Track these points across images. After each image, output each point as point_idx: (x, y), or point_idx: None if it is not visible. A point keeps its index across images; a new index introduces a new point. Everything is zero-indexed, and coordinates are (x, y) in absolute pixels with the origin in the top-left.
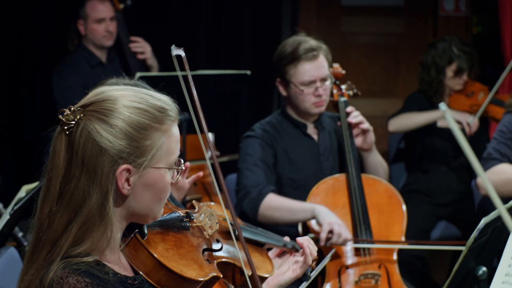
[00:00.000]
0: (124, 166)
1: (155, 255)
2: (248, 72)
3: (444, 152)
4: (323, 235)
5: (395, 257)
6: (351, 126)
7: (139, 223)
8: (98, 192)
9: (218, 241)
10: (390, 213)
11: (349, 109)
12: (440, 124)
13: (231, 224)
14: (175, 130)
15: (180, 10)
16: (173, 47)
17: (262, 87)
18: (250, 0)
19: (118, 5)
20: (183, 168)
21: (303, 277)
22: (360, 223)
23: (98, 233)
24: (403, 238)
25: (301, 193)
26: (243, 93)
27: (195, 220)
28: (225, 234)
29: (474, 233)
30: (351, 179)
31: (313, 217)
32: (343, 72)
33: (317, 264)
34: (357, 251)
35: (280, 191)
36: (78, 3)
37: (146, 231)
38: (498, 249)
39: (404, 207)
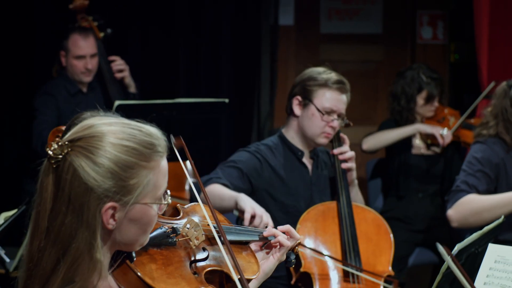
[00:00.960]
0: (110, 204)
1: (144, 278)
2: (226, 100)
3: (419, 178)
4: (247, 215)
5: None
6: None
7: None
8: (85, 230)
9: (204, 249)
10: (378, 242)
11: (340, 150)
12: (415, 151)
13: (215, 228)
14: (163, 164)
15: (160, 39)
16: (171, 136)
17: (242, 115)
18: (229, 28)
19: (99, 33)
20: (169, 201)
21: (287, 263)
22: (350, 250)
23: (88, 271)
24: (390, 268)
25: (291, 219)
26: (222, 121)
27: (181, 233)
28: (210, 240)
29: (447, 261)
30: (341, 207)
31: (236, 203)
32: None
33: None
34: (346, 277)
35: (272, 217)
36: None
37: (134, 254)
38: (473, 275)
39: (392, 236)
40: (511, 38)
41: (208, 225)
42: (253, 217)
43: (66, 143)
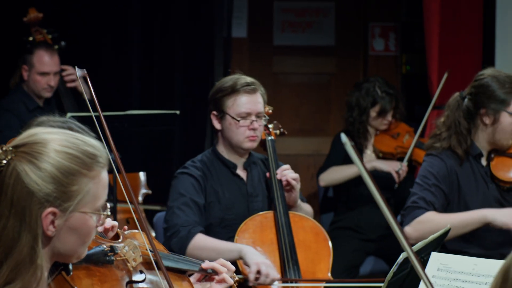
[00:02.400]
0: (50, 209)
1: None
2: (177, 112)
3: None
4: (251, 276)
5: None
6: (278, 164)
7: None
8: (28, 234)
9: (141, 272)
10: (317, 250)
11: (285, 166)
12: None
13: (151, 252)
14: (104, 176)
15: (113, 51)
16: (76, 68)
17: (195, 127)
18: (182, 40)
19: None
20: (109, 213)
21: None
22: (288, 260)
23: (28, 275)
24: (329, 275)
25: (230, 232)
26: (175, 133)
27: (119, 253)
28: (148, 264)
29: (394, 268)
30: (278, 216)
31: (240, 258)
32: (270, 111)
33: None
34: None
35: (209, 230)
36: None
37: (71, 267)
38: (418, 283)
39: (330, 244)
40: (461, 49)
41: (146, 250)
42: (258, 272)
43: (10, 148)
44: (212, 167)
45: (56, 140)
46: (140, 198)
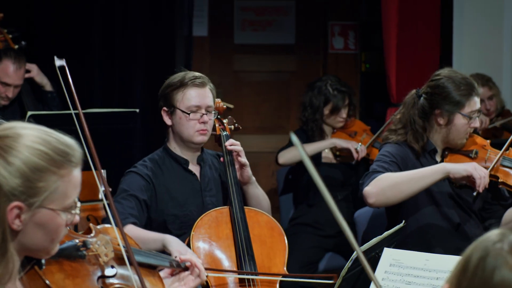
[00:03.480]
0: (16, 203)
1: (52, 286)
2: (137, 110)
3: (329, 185)
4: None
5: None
6: (233, 159)
7: None
8: None
9: (112, 267)
10: (272, 245)
11: (230, 141)
12: (325, 160)
13: (124, 248)
14: (75, 174)
15: (75, 50)
16: (55, 57)
17: (156, 125)
18: (143, 39)
19: (13, 45)
20: (78, 212)
21: None
22: (244, 254)
23: (0, 267)
24: (285, 269)
25: (185, 228)
26: (136, 130)
27: (91, 248)
28: (120, 260)
29: (348, 264)
30: (234, 211)
31: (163, 247)
32: (225, 106)
33: None
34: (241, 283)
35: (165, 228)
36: None
37: (43, 261)
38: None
39: (285, 238)
40: (419, 47)
41: (118, 245)
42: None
43: None
44: (164, 165)
45: (29, 135)
46: (100, 195)
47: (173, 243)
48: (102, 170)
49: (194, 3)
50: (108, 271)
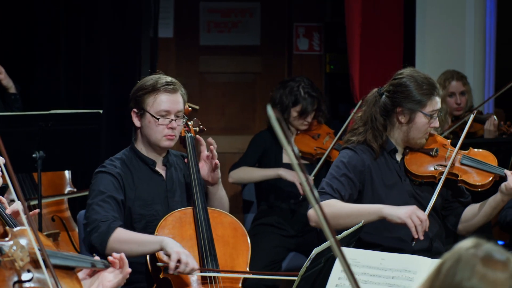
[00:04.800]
0: None
1: None
2: (101, 111)
3: (291, 185)
4: (172, 264)
5: (240, 286)
6: (197, 160)
7: None
8: None
9: (29, 271)
10: (235, 245)
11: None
12: (286, 160)
13: (39, 250)
14: None
15: (40, 52)
16: None
17: (122, 125)
18: (109, 42)
19: None
20: None
21: None
22: (207, 255)
23: None
24: (247, 269)
25: (150, 228)
26: (101, 131)
27: (7, 253)
28: (36, 263)
29: (306, 263)
30: (197, 212)
31: (161, 249)
32: (190, 108)
33: None
34: (204, 280)
35: (130, 226)
36: None
37: None
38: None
39: (248, 239)
40: (381, 48)
41: (34, 248)
42: (178, 261)
43: None
44: (131, 165)
45: None
46: (65, 198)
47: (171, 244)
48: (67, 171)
49: (159, 4)
50: (24, 276)
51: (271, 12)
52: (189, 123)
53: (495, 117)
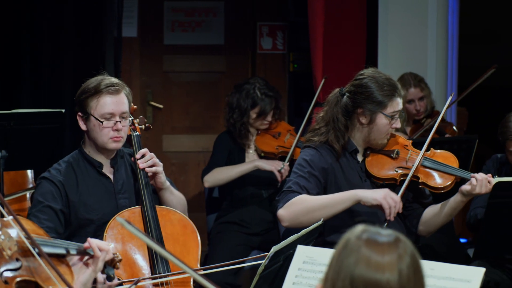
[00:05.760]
0: None
1: None
2: (63, 110)
3: (254, 185)
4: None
5: (192, 285)
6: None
7: None
8: None
9: (17, 260)
10: (185, 242)
11: (143, 151)
12: (251, 159)
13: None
14: None
15: (3, 51)
16: None
17: None
18: (72, 41)
19: None
20: None
21: (107, 277)
22: (157, 254)
23: None
24: (198, 266)
25: (100, 232)
26: (62, 131)
27: None
28: (26, 252)
29: (265, 261)
30: (145, 211)
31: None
32: (135, 107)
33: None
34: (155, 283)
35: (81, 231)
36: None
37: None
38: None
39: (198, 235)
40: (344, 47)
41: (26, 237)
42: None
43: None
44: (78, 168)
45: None
46: (28, 195)
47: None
48: (29, 170)
49: (123, 4)
50: (12, 265)
51: (235, 11)
52: (135, 121)
53: (454, 128)
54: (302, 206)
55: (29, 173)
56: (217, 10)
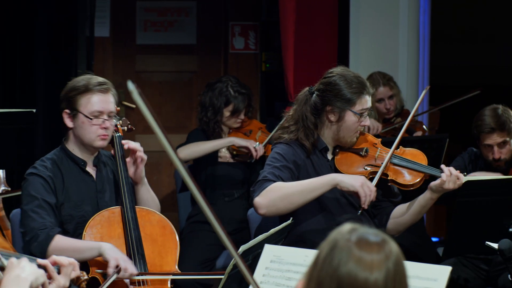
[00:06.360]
0: None
1: None
2: (34, 110)
3: (226, 183)
4: (110, 270)
5: (169, 285)
6: (125, 160)
7: None
8: None
9: None
10: (164, 243)
11: (123, 141)
12: (221, 159)
13: None
14: None
15: None
16: None
17: (58, 125)
18: (45, 41)
19: None
20: None
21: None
22: (135, 253)
23: None
24: (176, 267)
25: (80, 230)
26: (36, 130)
27: None
28: None
29: (233, 260)
30: (125, 211)
31: (100, 255)
32: (118, 108)
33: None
34: (132, 280)
35: (61, 228)
36: None
37: None
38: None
39: (177, 237)
40: (316, 46)
41: None
42: (117, 267)
43: None
44: (62, 165)
45: None
46: None
47: (109, 251)
48: (0, 170)
49: (95, 4)
50: None
51: (207, 11)
52: (118, 122)
53: (425, 127)
54: (279, 192)
55: (1, 173)
56: (190, 10)
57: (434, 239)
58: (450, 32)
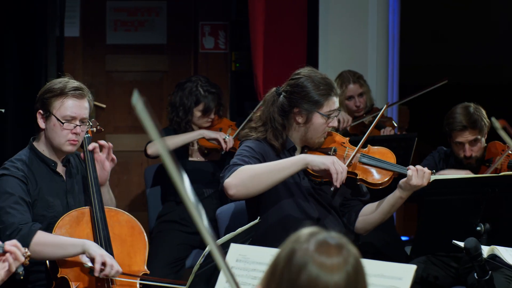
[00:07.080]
0: None
1: None
2: (3, 110)
3: (196, 183)
4: (97, 266)
5: (138, 286)
6: (94, 161)
7: None
8: None
9: None
10: (132, 243)
11: (93, 145)
12: (192, 158)
13: None
14: None
15: None
16: None
17: (28, 125)
18: (14, 40)
19: None
20: None
21: (15, 275)
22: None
23: None
24: (145, 267)
25: (51, 230)
26: (6, 130)
27: None
28: None
29: (200, 260)
30: (94, 211)
31: (84, 252)
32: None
33: None
34: (99, 282)
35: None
36: None
37: None
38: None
39: (146, 237)
40: (285, 46)
41: None
42: (103, 264)
43: None
44: (32, 166)
45: None
46: None
47: (93, 247)
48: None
49: (65, 3)
50: None
51: (177, 11)
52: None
53: (394, 122)
54: (250, 172)
55: None
56: (160, 10)
57: (404, 238)
58: (419, 31)
